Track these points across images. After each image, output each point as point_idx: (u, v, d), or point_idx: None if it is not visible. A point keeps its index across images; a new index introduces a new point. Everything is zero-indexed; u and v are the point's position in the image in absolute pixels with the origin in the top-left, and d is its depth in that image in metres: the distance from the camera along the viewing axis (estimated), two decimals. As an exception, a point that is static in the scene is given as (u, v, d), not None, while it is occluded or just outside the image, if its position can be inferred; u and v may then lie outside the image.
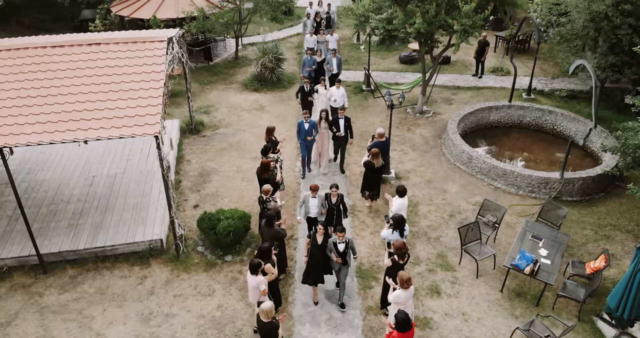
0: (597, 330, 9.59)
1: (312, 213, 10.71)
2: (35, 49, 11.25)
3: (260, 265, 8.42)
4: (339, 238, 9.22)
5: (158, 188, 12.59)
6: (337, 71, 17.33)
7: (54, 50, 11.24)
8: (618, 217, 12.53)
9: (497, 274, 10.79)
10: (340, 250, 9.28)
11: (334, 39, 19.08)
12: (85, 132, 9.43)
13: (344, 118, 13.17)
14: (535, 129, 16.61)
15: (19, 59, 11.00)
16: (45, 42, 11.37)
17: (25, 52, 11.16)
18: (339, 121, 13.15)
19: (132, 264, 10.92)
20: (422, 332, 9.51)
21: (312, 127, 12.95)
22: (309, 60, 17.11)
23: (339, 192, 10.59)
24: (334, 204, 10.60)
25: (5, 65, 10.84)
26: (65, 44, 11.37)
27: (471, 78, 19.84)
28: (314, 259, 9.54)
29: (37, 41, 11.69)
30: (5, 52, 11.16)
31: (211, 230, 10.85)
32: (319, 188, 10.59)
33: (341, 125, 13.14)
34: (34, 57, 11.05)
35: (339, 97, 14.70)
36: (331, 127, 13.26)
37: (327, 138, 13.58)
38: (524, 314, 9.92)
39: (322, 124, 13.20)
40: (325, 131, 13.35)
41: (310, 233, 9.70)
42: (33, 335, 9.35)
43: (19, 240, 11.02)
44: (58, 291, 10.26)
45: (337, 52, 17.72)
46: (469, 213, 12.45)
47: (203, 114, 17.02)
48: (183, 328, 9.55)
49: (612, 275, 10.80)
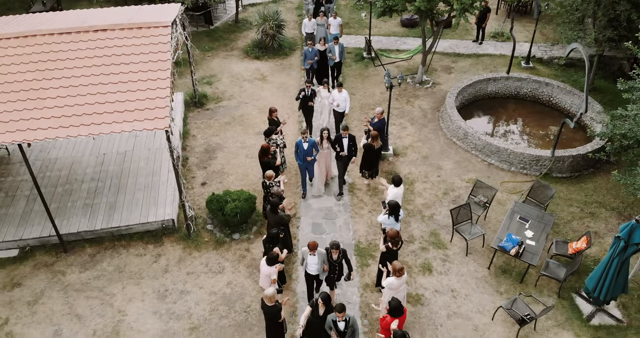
0: (575, 307, 10.50)
1: (312, 270, 9.84)
2: (43, 36, 11.51)
3: (277, 258, 9.22)
4: (339, 317, 8.46)
5: (167, 167, 13.21)
6: (339, 59, 16.44)
7: (61, 37, 11.50)
8: (604, 194, 13.21)
9: (486, 252, 11.60)
10: (341, 328, 8.57)
11: (336, 22, 17.73)
12: (99, 126, 9.93)
13: (348, 137, 12.24)
14: (532, 101, 16.99)
15: (28, 47, 11.29)
16: (52, 29, 11.60)
17: (33, 40, 11.43)
18: (342, 141, 12.21)
19: (146, 242, 11.73)
20: (414, 308, 10.44)
21: (311, 146, 12.03)
22: (310, 52, 15.87)
23: (340, 249, 9.70)
24: (336, 261, 9.73)
25: (16, 54, 11.15)
26: (72, 31, 11.62)
27: (472, 44, 19.93)
28: (311, 333, 8.99)
29: (43, 27, 11.91)
30: (14, 39, 11.44)
31: (219, 211, 11.58)
32: (317, 246, 9.58)
33: (345, 145, 12.22)
34: (42, 45, 11.33)
35: (341, 101, 13.85)
36: (334, 146, 12.34)
37: (330, 157, 12.73)
38: (509, 290, 10.82)
39: (324, 144, 12.33)
40: (327, 151, 12.51)
41: (312, 301, 8.98)
42: (59, 312, 10.29)
43: (39, 220, 11.77)
44: (79, 269, 11.12)
45: (338, 40, 16.36)
46: (462, 191, 13.13)
47: (206, 84, 17.33)
48: (197, 305, 10.48)
49: (594, 253, 11.61)
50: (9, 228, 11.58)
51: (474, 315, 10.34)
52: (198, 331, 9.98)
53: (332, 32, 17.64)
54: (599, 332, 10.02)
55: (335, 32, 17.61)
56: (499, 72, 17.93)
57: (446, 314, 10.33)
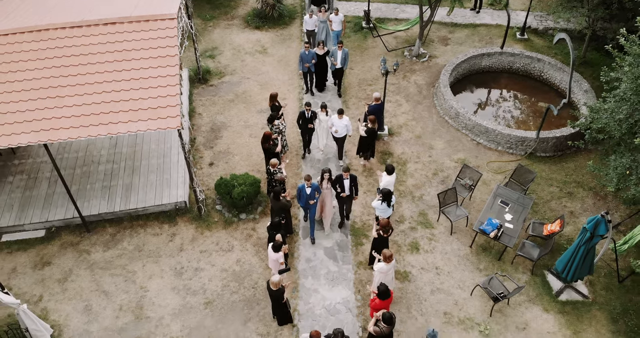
0: (547, 283, 11.82)
1: None
2: (56, 30, 12.08)
3: (282, 245, 10.42)
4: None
5: (176, 148, 14.16)
6: (341, 65, 15.59)
7: (73, 32, 12.08)
8: (584, 173, 14.20)
9: (469, 231, 12.79)
10: None
11: (338, 19, 17.07)
12: (116, 126, 10.77)
13: (350, 178, 12.06)
14: (524, 75, 17.64)
15: (42, 42, 11.89)
16: (64, 23, 12.14)
17: (47, 34, 12.01)
18: (343, 181, 12.03)
19: (161, 222, 12.90)
20: (402, 284, 11.77)
21: (314, 191, 11.92)
22: (306, 55, 15.18)
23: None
24: None
25: (31, 50, 11.78)
26: (82, 25, 12.17)
27: (469, 13, 20.21)
28: None
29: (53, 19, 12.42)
30: (28, 34, 12.01)
31: (227, 194, 12.66)
32: None
33: (346, 186, 12.06)
34: (55, 39, 11.93)
35: (340, 128, 13.47)
36: (335, 186, 12.19)
37: (330, 196, 12.50)
38: (487, 267, 12.11)
39: (324, 185, 12.17)
40: (328, 191, 12.32)
41: None
42: (87, 289, 11.61)
43: (62, 202, 12.86)
44: (102, 248, 12.36)
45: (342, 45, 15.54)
46: (450, 171, 14.15)
47: (208, 58, 17.88)
48: (210, 281, 11.80)
49: (568, 233, 12.80)
50: (34, 211, 12.69)
51: (454, 290, 11.68)
52: (212, 305, 11.36)
53: (335, 28, 17.22)
54: (566, 307, 11.39)
55: (338, 29, 17.23)
56: (495, 43, 18.47)
57: (430, 290, 11.68)
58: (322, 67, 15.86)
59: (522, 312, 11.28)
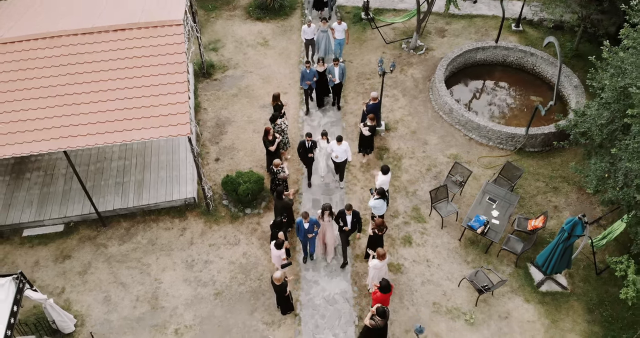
0: (529, 275, 12.81)
1: None
2: (68, 36, 12.67)
3: (283, 243, 11.36)
4: None
5: (184, 145, 14.92)
6: (339, 81, 15.71)
7: (84, 38, 12.67)
8: (569, 169, 15.02)
9: (458, 225, 13.71)
10: None
11: (341, 28, 16.80)
12: (130, 133, 11.51)
13: (352, 214, 12.09)
14: (517, 68, 18.26)
15: (56, 49, 12.50)
16: (76, 30, 12.72)
17: (59, 41, 12.61)
18: (346, 217, 12.12)
19: (172, 217, 13.81)
20: (395, 276, 12.77)
21: (312, 225, 12.12)
22: (307, 73, 15.21)
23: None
24: None
25: (46, 57, 12.40)
26: (93, 31, 12.76)
27: (466, 3, 20.57)
28: None
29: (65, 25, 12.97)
30: (41, 41, 12.60)
31: (233, 191, 13.52)
32: None
33: (348, 221, 12.16)
34: (68, 46, 12.54)
35: (340, 153, 13.55)
36: (337, 220, 12.27)
37: (331, 229, 12.57)
38: (475, 260, 13.10)
39: (325, 218, 12.21)
40: (329, 224, 12.38)
41: None
42: (106, 281, 12.61)
43: (78, 199, 13.72)
44: (118, 242, 13.30)
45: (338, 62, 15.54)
46: (443, 167, 14.97)
47: (211, 51, 18.42)
48: (219, 273, 12.79)
49: (551, 227, 13.72)
50: (53, 207, 13.57)
51: (443, 282, 12.70)
52: (221, 296, 12.39)
53: (337, 37, 17.02)
54: (546, 298, 12.42)
55: (341, 37, 17.06)
56: (491, 35, 18.99)
57: (421, 281, 12.69)
58: (323, 83, 15.92)
59: (505, 302, 12.33)
